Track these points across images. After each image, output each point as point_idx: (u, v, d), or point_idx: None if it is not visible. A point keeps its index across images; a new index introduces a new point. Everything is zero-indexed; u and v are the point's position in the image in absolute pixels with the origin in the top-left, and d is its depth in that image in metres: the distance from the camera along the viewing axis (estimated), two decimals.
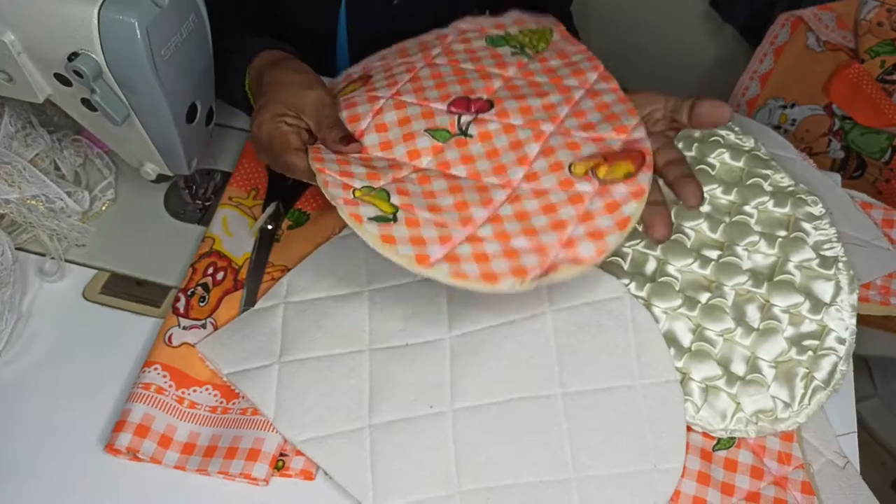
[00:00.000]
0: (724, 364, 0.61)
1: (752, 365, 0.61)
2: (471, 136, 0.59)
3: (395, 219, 0.54)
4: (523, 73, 0.64)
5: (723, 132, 0.74)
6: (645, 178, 0.53)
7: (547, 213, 0.54)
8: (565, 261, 0.52)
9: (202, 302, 0.66)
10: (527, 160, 0.57)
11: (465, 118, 0.60)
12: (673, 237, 0.67)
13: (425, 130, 0.60)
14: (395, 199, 0.55)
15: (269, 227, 0.71)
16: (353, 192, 0.55)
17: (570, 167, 0.56)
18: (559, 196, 0.55)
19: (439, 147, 0.59)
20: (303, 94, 0.59)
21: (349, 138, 0.59)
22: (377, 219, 0.54)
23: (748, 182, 0.70)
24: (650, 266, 0.66)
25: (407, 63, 0.66)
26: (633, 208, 0.52)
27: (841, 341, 0.62)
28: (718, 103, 0.56)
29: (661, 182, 0.56)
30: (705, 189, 0.70)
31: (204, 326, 0.65)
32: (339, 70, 0.77)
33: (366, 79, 0.66)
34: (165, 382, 0.60)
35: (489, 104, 0.61)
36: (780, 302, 0.63)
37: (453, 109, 0.61)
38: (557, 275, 0.52)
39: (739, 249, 0.66)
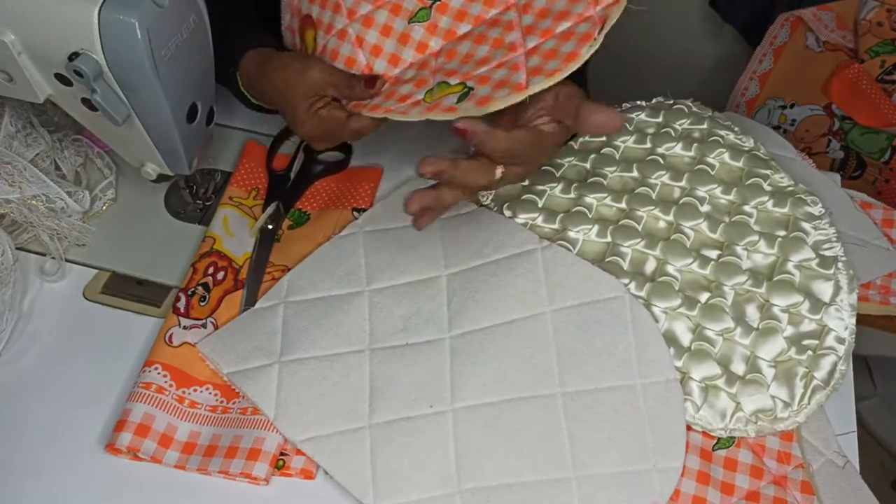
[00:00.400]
0: (724, 364, 0.61)
1: (752, 364, 0.61)
2: None
3: (472, 89, 0.56)
4: None
5: (722, 132, 0.74)
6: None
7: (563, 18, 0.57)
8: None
9: (203, 302, 0.66)
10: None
11: None
12: (672, 237, 0.67)
13: (409, 23, 0.61)
14: (453, 80, 0.57)
15: (270, 226, 0.71)
16: (424, 100, 0.57)
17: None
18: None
19: (432, 25, 0.61)
20: (306, 80, 0.61)
21: (370, 80, 0.61)
22: (461, 96, 0.55)
23: (748, 182, 0.71)
24: (650, 266, 0.66)
25: None
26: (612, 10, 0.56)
27: (840, 341, 0.62)
28: (610, 114, 0.57)
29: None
30: (705, 189, 0.70)
31: (204, 326, 0.65)
32: None
33: (308, 21, 0.66)
34: (166, 382, 0.61)
35: None
36: (780, 301, 0.63)
37: None
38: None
39: (739, 249, 0.66)
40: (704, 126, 0.75)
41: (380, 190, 0.75)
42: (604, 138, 0.76)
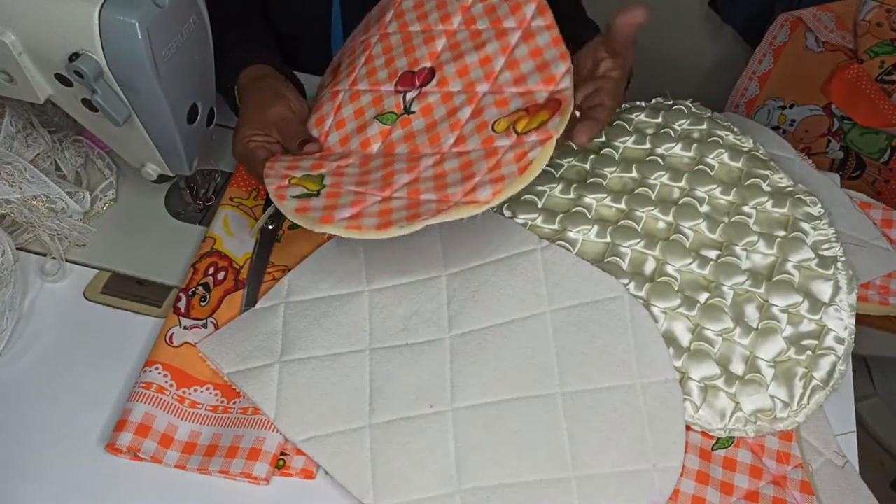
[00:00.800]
0: (723, 364, 0.61)
1: (751, 364, 0.61)
2: (413, 112, 0.63)
3: (317, 194, 0.57)
4: (466, 20, 0.66)
5: (722, 133, 0.74)
6: (554, 123, 0.55)
7: (463, 170, 0.57)
8: (460, 203, 0.54)
9: (203, 302, 0.66)
10: (458, 125, 0.61)
11: (409, 95, 0.64)
12: (672, 237, 0.67)
13: (374, 118, 0.64)
14: (327, 181, 0.59)
15: (270, 227, 0.71)
16: (290, 180, 0.59)
17: (493, 125, 0.58)
18: (478, 154, 0.57)
19: (387, 130, 0.64)
20: (266, 113, 0.65)
21: (307, 142, 0.64)
22: (300, 196, 0.57)
23: (747, 182, 0.71)
24: (649, 266, 0.66)
25: (364, 40, 0.70)
26: (537, 153, 0.54)
27: (840, 341, 0.63)
28: (630, 9, 0.60)
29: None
30: (704, 190, 0.70)
31: (205, 326, 0.65)
32: (334, 50, 0.79)
33: (335, 70, 0.71)
34: (166, 382, 0.61)
35: (431, 73, 0.64)
36: (779, 302, 0.63)
37: (399, 88, 0.65)
38: (448, 214, 0.53)
39: (738, 249, 0.67)
40: (704, 126, 0.75)
41: None
42: (603, 138, 0.76)
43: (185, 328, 0.64)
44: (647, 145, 0.74)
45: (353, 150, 0.64)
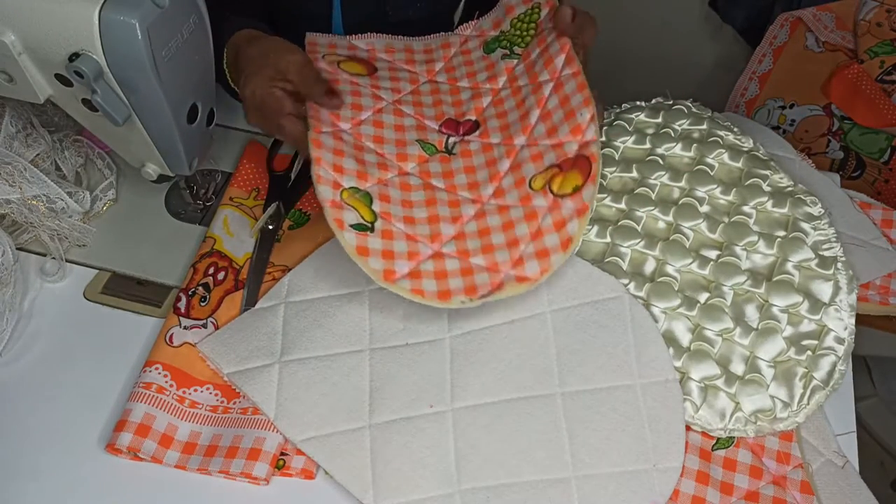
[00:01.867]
0: (723, 364, 0.61)
1: (751, 364, 0.61)
2: (454, 154, 0.67)
3: (372, 229, 0.60)
4: (510, 79, 0.71)
5: (722, 133, 0.74)
6: (588, 193, 0.61)
7: (505, 231, 0.61)
8: (512, 279, 0.58)
9: (203, 302, 0.66)
10: (498, 176, 0.65)
11: (452, 139, 0.69)
12: (672, 237, 0.67)
13: (416, 140, 0.68)
14: (376, 206, 0.61)
15: (270, 227, 0.71)
16: (341, 193, 0.61)
17: (530, 182, 0.62)
18: (518, 212, 0.62)
19: (424, 157, 0.67)
20: (286, 57, 0.63)
21: (333, 92, 0.65)
22: (357, 227, 0.59)
23: (747, 182, 0.71)
24: (649, 266, 0.66)
25: (411, 73, 0.74)
26: (576, 226, 0.60)
27: (840, 341, 0.63)
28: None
29: None
30: (704, 190, 0.70)
31: (205, 326, 0.65)
32: None
33: (370, 67, 0.73)
34: (166, 382, 0.61)
35: (476, 125, 0.69)
36: (779, 302, 0.63)
37: (444, 130, 0.69)
38: (502, 293, 0.58)
39: (738, 249, 0.66)
40: (704, 126, 0.75)
41: None
42: (604, 138, 0.76)
43: (185, 328, 0.64)
44: (647, 145, 0.74)
45: (388, 157, 0.66)
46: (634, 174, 0.72)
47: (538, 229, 0.60)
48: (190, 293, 0.66)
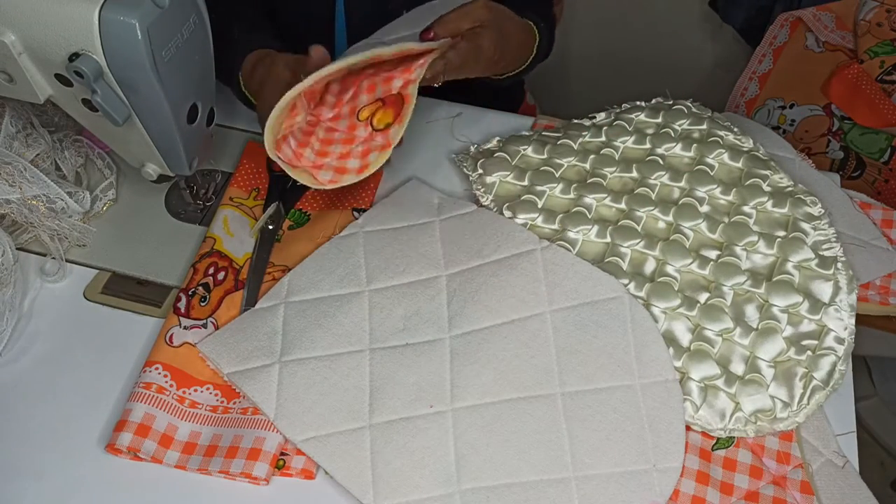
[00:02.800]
0: (723, 364, 0.61)
1: (751, 365, 0.61)
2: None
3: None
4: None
5: (722, 133, 0.74)
6: (394, 132, 0.65)
7: (323, 145, 0.67)
8: (310, 177, 0.65)
9: (203, 302, 0.66)
10: (340, 103, 0.68)
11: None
12: (672, 237, 0.67)
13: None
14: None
15: (270, 227, 0.71)
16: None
17: (358, 113, 0.67)
18: (341, 135, 0.67)
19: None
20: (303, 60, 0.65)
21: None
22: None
23: (747, 182, 0.71)
24: (649, 266, 0.66)
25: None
26: (375, 157, 0.65)
27: (840, 341, 0.63)
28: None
29: None
30: (704, 190, 0.70)
31: (205, 326, 0.65)
32: (337, 50, 0.80)
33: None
34: (166, 382, 0.61)
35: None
36: (779, 302, 0.63)
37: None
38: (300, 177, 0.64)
39: (738, 249, 0.67)
40: (704, 126, 0.75)
41: (380, 190, 0.76)
42: (604, 138, 0.76)
43: (185, 328, 0.64)
44: (648, 145, 0.74)
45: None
46: (634, 174, 0.72)
47: (348, 151, 0.66)
48: (190, 293, 0.66)
